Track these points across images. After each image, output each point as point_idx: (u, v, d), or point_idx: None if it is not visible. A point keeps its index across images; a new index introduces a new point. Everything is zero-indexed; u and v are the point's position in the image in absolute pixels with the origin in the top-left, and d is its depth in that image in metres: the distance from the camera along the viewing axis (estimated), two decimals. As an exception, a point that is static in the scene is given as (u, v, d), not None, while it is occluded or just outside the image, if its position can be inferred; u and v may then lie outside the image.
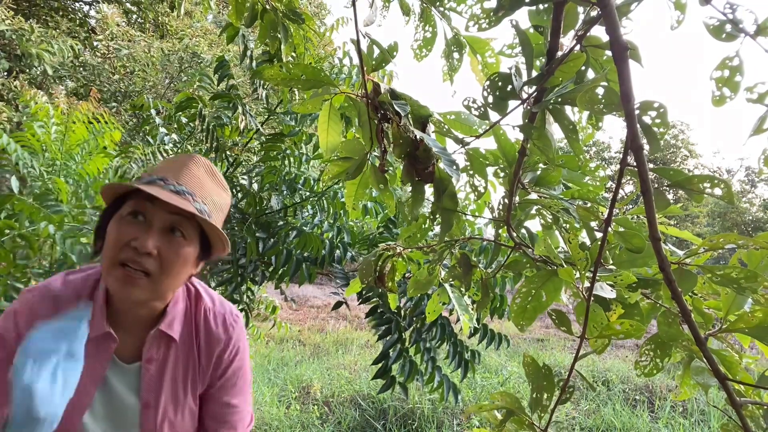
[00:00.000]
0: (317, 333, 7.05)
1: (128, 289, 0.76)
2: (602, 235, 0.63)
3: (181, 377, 0.89)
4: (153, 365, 0.86)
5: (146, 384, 0.86)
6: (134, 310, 0.85)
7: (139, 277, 0.76)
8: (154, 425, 0.85)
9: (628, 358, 6.30)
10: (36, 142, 2.58)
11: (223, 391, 0.94)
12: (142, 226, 0.78)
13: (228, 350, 0.93)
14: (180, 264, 0.80)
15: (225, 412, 0.95)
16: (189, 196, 0.80)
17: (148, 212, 0.78)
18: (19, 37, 5.25)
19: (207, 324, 0.92)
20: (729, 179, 21.74)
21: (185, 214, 0.79)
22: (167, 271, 0.78)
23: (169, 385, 0.88)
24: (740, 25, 0.58)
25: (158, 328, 0.86)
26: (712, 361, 0.56)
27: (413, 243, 1.02)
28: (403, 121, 0.78)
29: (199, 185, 0.84)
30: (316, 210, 2.23)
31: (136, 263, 0.76)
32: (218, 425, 0.94)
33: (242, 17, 1.61)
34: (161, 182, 0.79)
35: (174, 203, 0.75)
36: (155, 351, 0.87)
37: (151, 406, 0.86)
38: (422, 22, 0.89)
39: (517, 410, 0.74)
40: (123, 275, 0.75)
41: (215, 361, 0.92)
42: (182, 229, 0.80)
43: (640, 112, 0.59)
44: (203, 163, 0.88)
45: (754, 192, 22.45)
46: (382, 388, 2.05)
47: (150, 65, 7.26)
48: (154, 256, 0.77)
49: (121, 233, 0.77)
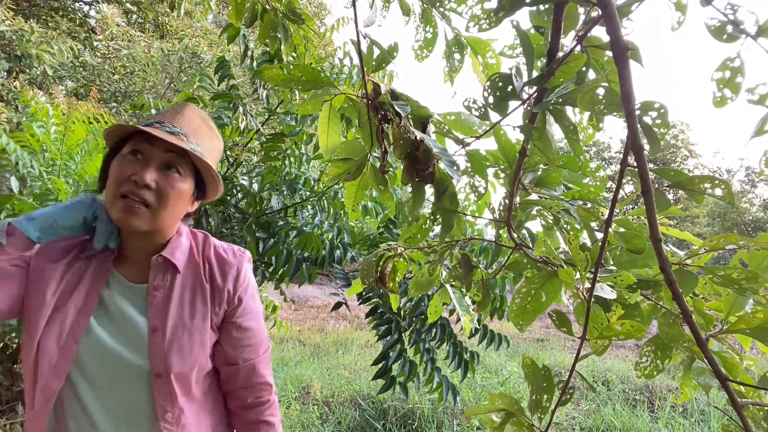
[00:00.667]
0: (317, 333, 7.05)
1: (129, 217, 0.84)
2: (603, 235, 0.63)
3: (188, 303, 0.95)
4: (160, 292, 0.93)
5: (154, 310, 0.92)
6: (137, 241, 0.93)
7: (138, 207, 0.85)
8: (162, 348, 0.90)
9: (628, 358, 6.30)
10: (35, 143, 2.58)
11: (243, 315, 1.00)
12: (141, 163, 0.86)
13: (241, 275, 1.00)
14: (175, 196, 0.88)
15: (245, 336, 1.00)
16: (183, 136, 0.89)
17: (146, 151, 0.87)
18: (18, 38, 5.25)
19: (218, 254, 1.01)
20: (729, 179, 21.75)
21: (179, 151, 0.88)
22: (164, 203, 0.87)
23: (175, 311, 0.93)
24: (741, 26, 0.57)
25: (161, 254, 0.93)
26: (713, 362, 0.56)
27: (414, 243, 1.02)
28: (403, 122, 0.78)
29: (193, 129, 0.92)
30: (316, 210, 2.23)
31: (135, 195, 0.84)
32: (239, 350, 1.00)
33: (242, 17, 1.61)
34: (158, 124, 0.88)
35: (170, 141, 0.84)
36: (161, 278, 0.94)
37: (159, 330, 0.90)
38: (423, 23, 0.89)
39: (517, 412, 0.73)
40: (124, 205, 0.84)
41: (231, 288, 0.98)
42: (177, 166, 0.89)
43: (640, 113, 0.59)
44: (197, 111, 0.97)
45: (754, 192, 22.47)
46: (382, 389, 2.05)
47: (150, 65, 7.25)
48: (152, 189, 0.85)
49: (122, 169, 0.85)
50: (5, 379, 2.74)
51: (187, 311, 0.94)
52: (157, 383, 0.89)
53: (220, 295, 0.97)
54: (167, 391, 0.89)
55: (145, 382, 0.89)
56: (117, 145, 0.91)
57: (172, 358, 0.90)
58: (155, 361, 0.89)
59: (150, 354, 0.89)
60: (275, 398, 1.06)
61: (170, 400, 0.90)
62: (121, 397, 0.89)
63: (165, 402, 0.90)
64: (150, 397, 0.89)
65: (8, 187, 2.04)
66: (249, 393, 1.02)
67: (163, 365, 0.89)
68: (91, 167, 2.67)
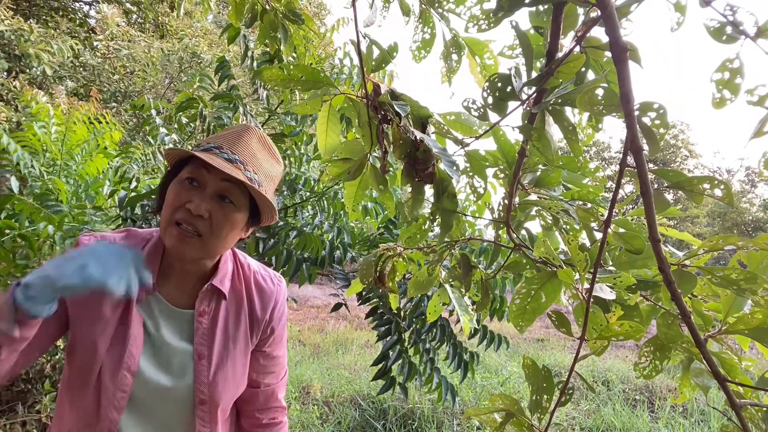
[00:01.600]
0: (317, 333, 7.05)
1: (182, 246, 0.83)
2: (602, 236, 0.63)
3: (232, 331, 0.95)
4: (205, 318, 0.92)
5: (200, 336, 0.91)
6: (186, 265, 0.92)
7: (191, 236, 0.83)
8: (207, 376, 0.90)
9: (628, 358, 6.30)
10: (37, 142, 2.58)
11: (273, 345, 1.02)
12: (197, 190, 0.84)
13: (278, 305, 1.01)
14: (228, 228, 0.87)
15: (271, 363, 1.02)
16: (241, 164, 0.86)
17: (203, 178, 0.85)
18: (18, 38, 5.25)
19: (258, 282, 1.00)
20: (729, 179, 21.75)
21: (235, 182, 0.85)
22: (216, 234, 0.85)
23: (221, 338, 0.93)
24: (741, 27, 0.57)
25: (211, 283, 0.92)
26: (711, 363, 0.56)
27: (413, 244, 1.02)
28: (403, 122, 0.78)
29: (251, 155, 0.89)
30: (316, 210, 2.23)
31: (189, 224, 0.83)
32: (263, 376, 1.01)
33: (242, 18, 1.61)
34: (216, 150, 0.85)
35: (226, 171, 0.81)
36: (207, 305, 0.93)
37: (204, 357, 0.90)
38: (421, 24, 0.89)
39: (517, 412, 0.73)
40: (178, 233, 0.83)
41: (269, 316, 0.99)
42: (232, 197, 0.86)
43: (639, 113, 0.59)
44: (257, 134, 0.94)
45: (754, 192, 22.47)
46: (382, 389, 2.05)
47: (150, 65, 7.25)
48: (205, 218, 0.83)
49: (178, 195, 0.84)
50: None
51: (232, 340, 0.94)
52: (200, 410, 0.89)
53: (258, 325, 0.98)
54: (209, 418, 0.90)
55: (187, 408, 0.89)
56: (175, 166, 0.90)
57: (217, 386, 0.90)
58: (200, 389, 0.89)
59: (196, 381, 0.89)
60: (286, 420, 1.08)
61: (210, 427, 0.90)
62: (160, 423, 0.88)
63: (204, 428, 0.90)
64: (191, 422, 0.89)
65: (8, 187, 2.04)
66: (264, 415, 1.03)
67: (208, 392, 0.89)
68: (92, 168, 2.67)
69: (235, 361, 0.94)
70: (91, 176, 2.67)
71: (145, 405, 0.87)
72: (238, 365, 0.94)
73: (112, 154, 2.78)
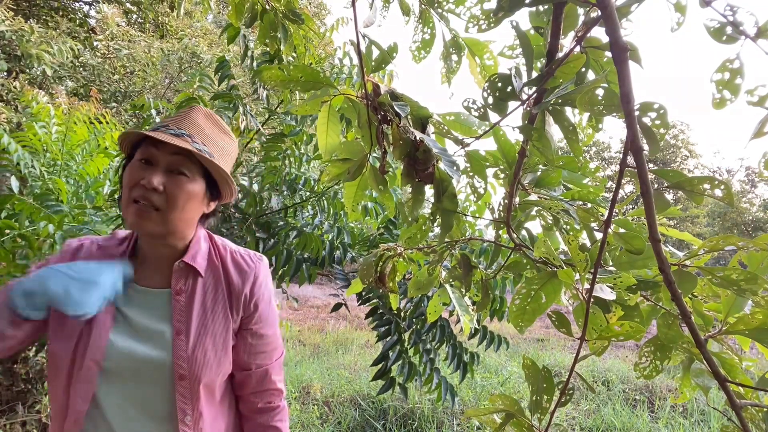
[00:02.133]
0: (317, 333, 7.05)
1: (142, 221, 0.86)
2: (602, 236, 0.63)
3: (210, 307, 0.96)
4: (182, 296, 0.94)
5: (177, 313, 0.93)
6: (157, 247, 0.95)
7: (149, 211, 0.86)
8: (185, 351, 0.90)
9: (628, 358, 6.30)
10: (37, 142, 2.58)
11: (259, 323, 1.01)
12: (150, 168, 0.88)
13: (258, 283, 1.01)
14: (184, 198, 0.89)
15: (259, 343, 1.02)
16: (188, 137, 0.89)
17: (154, 156, 0.88)
18: (18, 38, 5.24)
19: (235, 260, 1.01)
20: (729, 179, 21.75)
21: (185, 153, 0.89)
22: (173, 205, 0.88)
23: (199, 315, 0.94)
24: (741, 27, 0.57)
25: (183, 260, 0.94)
26: (712, 363, 0.56)
27: (413, 244, 1.02)
28: (402, 122, 0.78)
29: (199, 129, 0.93)
30: (316, 210, 2.23)
31: (145, 199, 0.86)
32: (253, 357, 1.01)
33: (242, 17, 1.61)
34: (163, 128, 0.89)
35: (173, 143, 0.86)
36: (183, 283, 0.95)
37: (183, 333, 0.91)
38: (421, 24, 0.89)
39: (517, 412, 0.73)
40: (136, 209, 0.86)
41: (248, 293, 0.99)
42: (184, 167, 0.89)
43: (639, 114, 0.59)
44: (203, 111, 0.97)
45: (754, 192, 22.47)
46: (381, 389, 2.05)
47: (150, 65, 7.25)
48: (159, 192, 0.86)
49: (132, 175, 0.88)
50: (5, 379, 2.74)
51: (210, 315, 0.95)
52: (179, 386, 0.89)
53: (238, 302, 0.98)
54: (189, 394, 0.90)
55: (167, 383, 0.90)
56: (130, 153, 0.93)
57: (197, 361, 0.90)
58: (179, 363, 0.89)
59: (174, 356, 0.89)
60: (285, 404, 1.07)
61: (191, 404, 0.90)
62: (141, 397, 0.89)
63: (185, 405, 0.90)
64: (171, 399, 0.90)
65: (8, 187, 2.04)
66: (260, 398, 1.03)
67: (187, 367, 0.89)
68: (92, 168, 2.67)
69: (216, 337, 0.94)
70: (91, 176, 2.67)
71: (125, 385, 0.88)
72: (219, 341, 0.94)
73: (112, 154, 2.78)
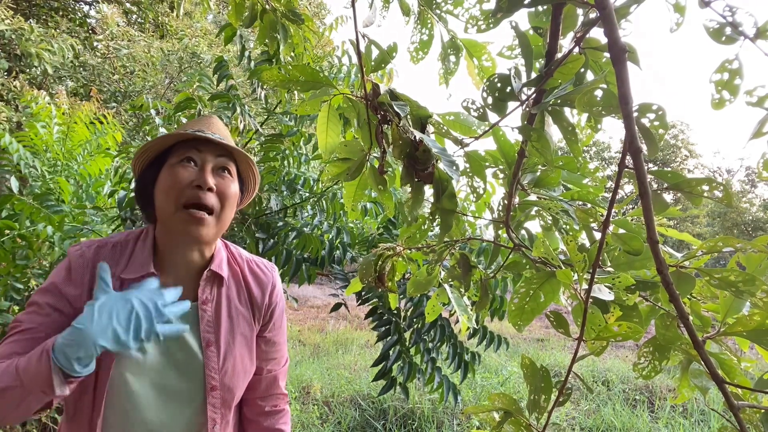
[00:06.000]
0: (317, 333, 7.05)
1: (197, 228, 0.82)
2: (600, 237, 0.63)
3: (236, 316, 0.95)
4: (209, 306, 0.92)
5: (205, 324, 0.90)
6: (187, 254, 0.90)
7: (203, 216, 0.83)
8: (217, 363, 0.89)
9: (628, 358, 6.30)
10: (39, 142, 2.58)
11: (273, 330, 1.02)
12: (195, 169, 0.85)
13: (275, 292, 1.02)
14: (233, 199, 0.89)
15: (272, 350, 1.03)
16: (222, 140, 0.89)
17: (198, 157, 0.86)
18: (18, 37, 5.24)
19: (252, 270, 1.00)
20: (729, 179, 21.74)
21: (227, 154, 0.89)
22: (225, 206, 0.87)
23: (226, 323, 0.93)
24: (740, 28, 0.57)
25: (210, 269, 0.91)
26: (709, 364, 0.56)
27: (413, 243, 1.02)
28: (402, 122, 0.78)
29: (226, 135, 0.94)
30: (315, 211, 2.23)
31: (200, 200, 0.82)
32: (265, 363, 1.02)
33: (242, 18, 1.61)
34: (200, 132, 0.87)
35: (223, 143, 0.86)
36: (209, 292, 0.92)
37: (213, 344, 0.90)
38: (419, 25, 0.89)
39: (515, 411, 0.74)
40: (189, 216, 0.82)
41: (267, 302, 0.99)
42: (229, 168, 0.90)
43: (638, 115, 0.59)
44: (221, 121, 0.99)
45: (754, 192, 22.47)
46: (382, 390, 2.05)
47: (150, 65, 7.25)
48: (214, 192, 0.84)
49: (180, 176, 0.83)
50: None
51: (236, 323, 0.94)
52: (211, 396, 0.89)
53: (259, 310, 0.98)
54: (219, 404, 0.90)
55: (199, 398, 0.88)
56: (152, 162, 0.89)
57: (227, 372, 0.90)
58: (211, 375, 0.88)
59: (206, 368, 0.88)
60: (288, 408, 1.08)
61: (221, 412, 0.90)
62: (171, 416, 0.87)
63: (216, 414, 0.90)
64: (202, 409, 0.89)
65: (8, 187, 2.04)
66: (267, 402, 1.04)
67: (219, 378, 0.89)
68: (93, 168, 2.67)
69: (243, 346, 0.94)
70: (92, 176, 2.68)
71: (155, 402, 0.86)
72: (246, 350, 0.95)
73: (112, 155, 2.78)
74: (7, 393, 0.70)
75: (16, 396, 0.70)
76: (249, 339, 0.96)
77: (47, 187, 2.33)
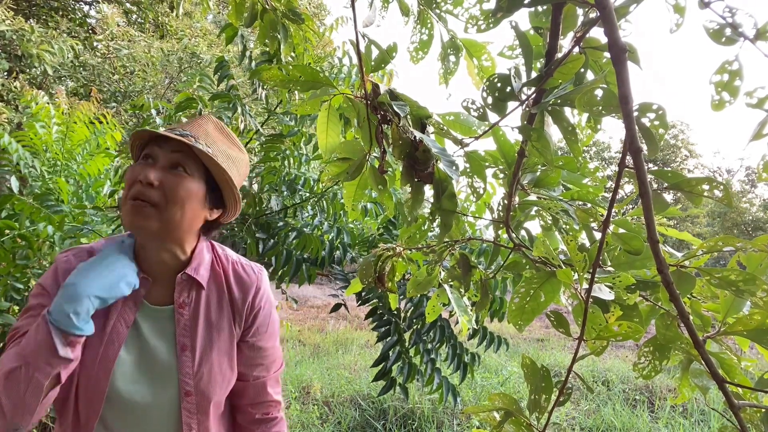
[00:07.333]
0: (317, 333, 7.05)
1: (138, 219, 0.83)
2: (600, 236, 0.63)
3: (216, 320, 0.94)
4: (186, 310, 0.91)
5: (181, 328, 0.90)
6: (156, 254, 0.90)
7: (145, 207, 0.83)
8: (191, 368, 0.89)
9: (628, 358, 6.30)
10: (38, 142, 2.58)
11: (257, 335, 0.99)
12: (150, 165, 0.85)
13: (259, 295, 0.99)
14: (183, 195, 0.85)
15: (258, 355, 1.00)
16: (192, 138, 0.87)
17: (156, 153, 0.86)
18: (19, 38, 5.24)
19: (236, 272, 0.99)
20: (729, 179, 21.74)
21: (185, 150, 0.87)
22: (171, 200, 0.84)
23: (203, 328, 0.92)
24: (740, 29, 0.57)
25: (185, 272, 0.91)
26: (710, 364, 0.56)
27: (413, 244, 1.02)
28: (402, 122, 0.78)
29: (205, 133, 0.90)
30: (315, 211, 2.23)
31: (142, 195, 0.82)
32: (250, 368, 0.99)
33: (242, 17, 1.61)
34: (169, 130, 0.88)
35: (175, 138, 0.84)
36: (186, 296, 0.92)
37: (188, 349, 0.89)
38: (419, 25, 0.89)
39: (515, 411, 0.74)
40: (132, 207, 0.83)
41: (249, 306, 0.97)
42: (185, 165, 0.87)
43: (638, 114, 0.59)
44: (213, 120, 0.95)
45: (754, 192, 22.47)
46: (382, 390, 2.05)
47: (150, 65, 7.25)
48: (156, 186, 0.83)
49: (132, 173, 0.85)
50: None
51: (215, 328, 0.93)
52: (186, 401, 0.88)
53: (240, 314, 0.96)
54: (195, 409, 0.89)
55: (173, 403, 0.88)
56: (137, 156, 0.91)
57: (203, 378, 0.89)
58: (185, 380, 0.88)
59: (180, 372, 0.88)
60: (282, 415, 1.06)
61: (197, 418, 0.90)
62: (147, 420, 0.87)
63: (191, 419, 0.89)
64: (177, 415, 0.88)
65: (8, 187, 2.04)
66: (257, 409, 1.02)
67: (193, 384, 0.88)
68: (93, 168, 2.67)
69: (221, 352, 0.93)
70: (92, 176, 2.67)
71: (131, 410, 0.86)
72: (225, 356, 0.93)
73: (112, 154, 2.78)
74: (14, 374, 0.74)
75: (23, 375, 0.73)
76: (229, 344, 0.94)
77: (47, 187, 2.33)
